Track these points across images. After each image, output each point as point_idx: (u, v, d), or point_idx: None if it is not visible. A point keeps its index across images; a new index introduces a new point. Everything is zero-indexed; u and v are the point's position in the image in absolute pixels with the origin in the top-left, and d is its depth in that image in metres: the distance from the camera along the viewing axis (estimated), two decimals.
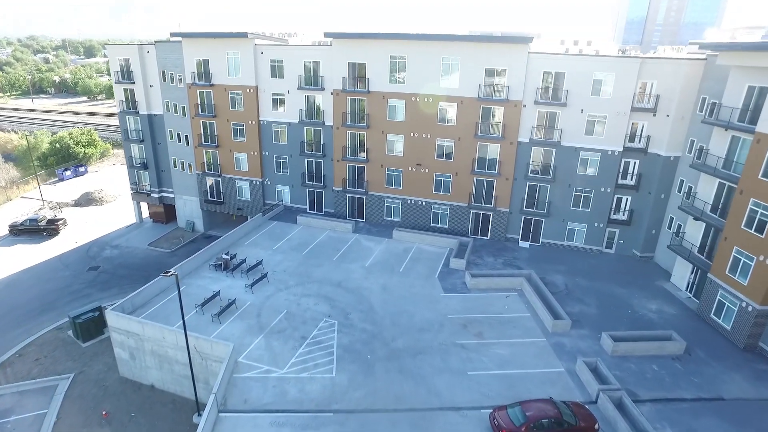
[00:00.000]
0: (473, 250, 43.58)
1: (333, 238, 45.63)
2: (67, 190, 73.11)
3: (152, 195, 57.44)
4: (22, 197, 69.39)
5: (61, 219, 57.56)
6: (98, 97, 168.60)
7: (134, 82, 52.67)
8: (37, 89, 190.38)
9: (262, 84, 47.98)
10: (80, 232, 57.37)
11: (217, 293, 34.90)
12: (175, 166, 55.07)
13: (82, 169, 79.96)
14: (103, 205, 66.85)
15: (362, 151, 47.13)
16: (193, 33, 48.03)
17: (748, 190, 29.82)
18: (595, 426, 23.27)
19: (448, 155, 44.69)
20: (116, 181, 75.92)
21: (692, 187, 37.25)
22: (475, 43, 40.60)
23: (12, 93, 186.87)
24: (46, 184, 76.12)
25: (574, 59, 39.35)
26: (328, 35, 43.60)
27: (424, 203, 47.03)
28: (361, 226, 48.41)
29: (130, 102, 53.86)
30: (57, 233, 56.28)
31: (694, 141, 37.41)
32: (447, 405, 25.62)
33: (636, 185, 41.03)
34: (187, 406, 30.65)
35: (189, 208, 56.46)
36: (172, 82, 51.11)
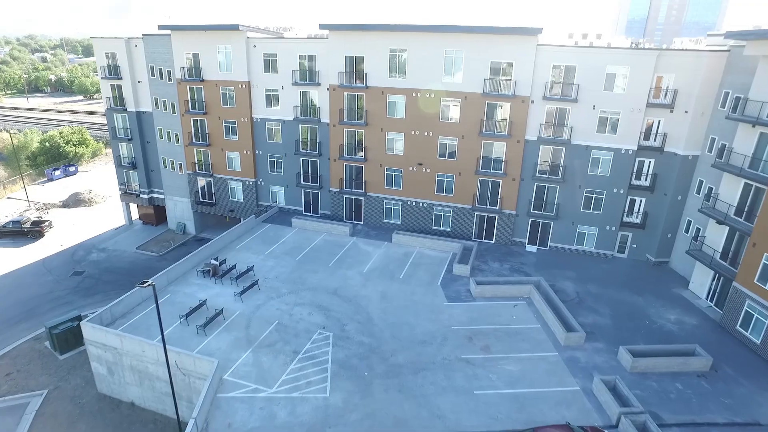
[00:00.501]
0: (478, 255, 41.15)
1: (329, 242, 43.20)
2: (56, 190, 70.68)
3: (141, 196, 55.02)
4: (8, 198, 66.93)
5: (47, 221, 55.13)
6: (94, 96, 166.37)
7: (121, 78, 50.26)
8: (32, 88, 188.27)
9: (255, 79, 45.55)
10: (66, 234, 54.95)
11: (204, 302, 32.49)
12: (165, 166, 52.66)
13: (72, 168, 77.53)
14: (92, 206, 64.42)
15: (360, 150, 44.70)
16: (182, 25, 45.61)
17: None
18: None
19: (451, 154, 42.26)
20: (107, 182, 73.47)
21: (713, 189, 34.83)
22: (480, 34, 38.17)
23: (7, 92, 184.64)
24: (34, 184, 73.73)
25: (586, 52, 36.91)
26: (323, 27, 41.15)
27: (425, 205, 44.59)
28: (359, 228, 45.98)
29: (118, 99, 51.44)
30: (42, 235, 53.86)
31: (716, 139, 34.96)
32: (452, 430, 23.20)
33: (651, 186, 38.60)
34: (170, 426, 28.26)
35: (180, 209, 54.04)
36: (161, 78, 48.69)
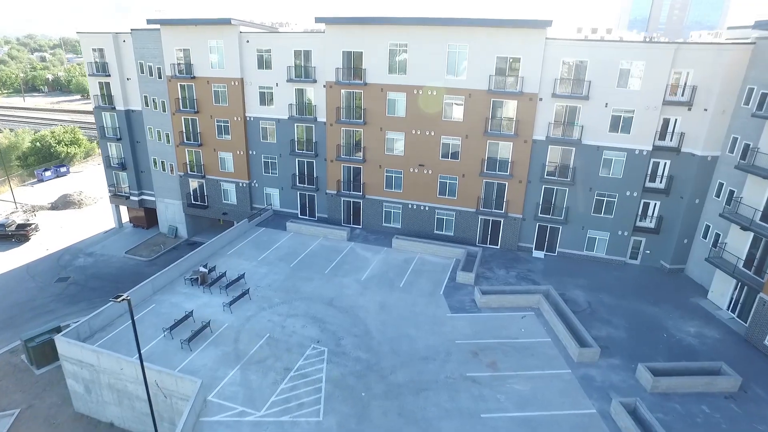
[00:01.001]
0: (482, 262, 38.95)
1: (326, 247, 41.01)
2: (45, 191, 68.56)
3: (131, 198, 52.88)
4: None
5: (33, 224, 52.99)
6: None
7: (110, 75, 48.13)
8: (29, 87, 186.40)
9: (248, 76, 43.37)
10: (53, 237, 52.82)
11: (190, 314, 30.32)
12: (155, 167, 50.51)
13: (63, 169, 75.42)
14: (82, 208, 62.29)
15: (358, 151, 42.52)
16: (172, 20, 43.44)
17: None
18: None
19: (454, 155, 40.06)
20: (99, 183, 71.25)
21: (735, 192, 32.62)
22: (485, 28, 35.98)
23: (3, 91, 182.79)
24: (24, 185, 71.63)
25: (598, 46, 34.70)
26: (319, 20, 38.96)
27: (427, 208, 42.38)
28: (357, 233, 43.78)
29: (106, 96, 49.31)
30: (27, 239, 51.73)
31: (738, 138, 32.74)
32: None
33: (666, 189, 36.39)
34: None
35: (171, 212, 51.88)
36: (151, 75, 46.53)
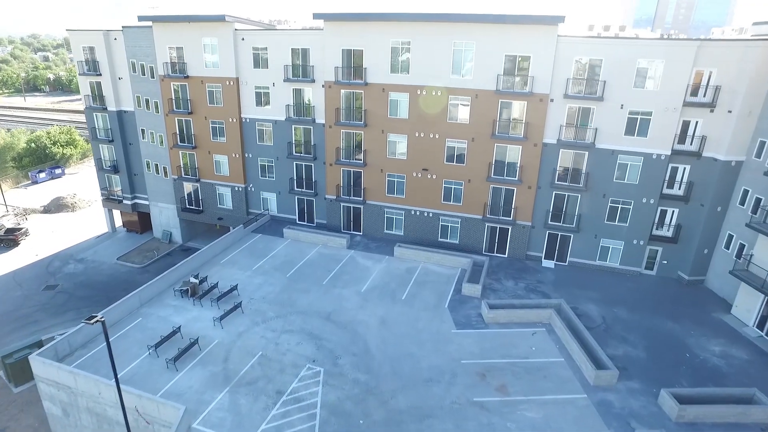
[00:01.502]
0: (489, 272, 36.86)
1: (324, 256, 39.00)
2: (39, 194, 66.88)
3: (124, 202, 51.05)
4: None
5: (23, 228, 51.26)
6: None
7: (101, 74, 46.26)
8: (31, 87, 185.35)
9: (244, 76, 41.42)
10: (44, 242, 51.07)
11: (177, 329, 28.37)
12: (148, 170, 48.63)
13: (58, 170, 73.78)
14: (76, 211, 60.59)
15: (359, 154, 40.50)
16: (164, 16, 41.54)
17: None
18: None
19: (460, 159, 37.99)
20: (95, 185, 69.37)
21: (762, 200, 30.44)
22: (493, 24, 33.89)
23: (4, 90, 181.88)
24: (17, 187, 70.00)
25: (614, 44, 32.54)
26: (317, 16, 36.95)
27: (431, 215, 40.32)
28: (357, 240, 41.76)
29: (97, 97, 47.46)
30: (16, 244, 49.99)
31: (766, 142, 30.53)
32: None
33: (685, 195, 34.22)
34: None
35: (165, 216, 50.02)
36: (143, 74, 44.64)
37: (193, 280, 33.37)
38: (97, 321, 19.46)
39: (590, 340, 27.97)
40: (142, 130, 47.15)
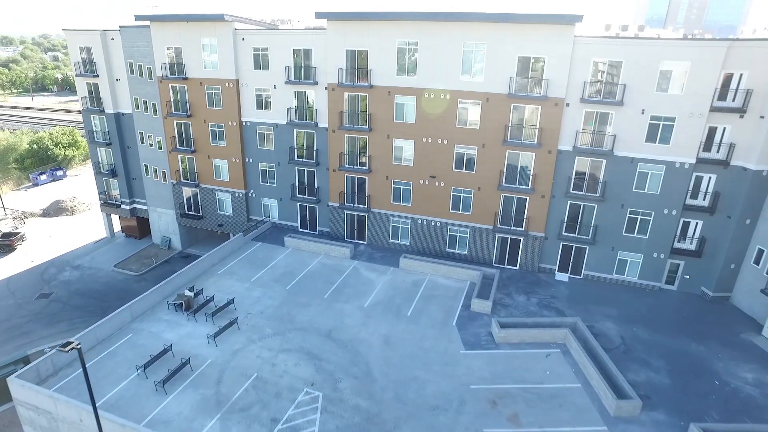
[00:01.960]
0: (500, 285, 34.90)
1: (326, 267, 37.24)
2: (40, 196, 65.75)
3: (123, 207, 49.63)
4: None
5: (19, 233, 50.00)
6: None
7: (98, 75, 44.84)
8: (39, 87, 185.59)
9: (244, 77, 39.78)
10: (40, 248, 49.79)
11: (169, 348, 26.73)
12: (147, 174, 47.16)
13: (60, 172, 72.64)
14: (75, 215, 59.32)
15: (363, 159, 38.70)
16: (162, 15, 39.97)
17: None
18: None
19: (470, 166, 36.06)
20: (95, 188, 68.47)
21: None
22: (506, 24, 31.93)
23: (13, 90, 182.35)
24: (18, 189, 68.97)
25: (636, 44, 30.44)
26: (320, 15, 35.16)
27: (438, 224, 38.42)
28: (361, 250, 39.93)
29: (95, 98, 46.05)
30: (12, 249, 48.75)
31: None
32: None
33: (711, 207, 32.06)
34: None
35: (164, 222, 48.54)
36: (141, 76, 43.14)
37: (187, 293, 31.74)
38: (73, 348, 17.86)
39: (609, 364, 25.97)
40: (141, 133, 45.66)
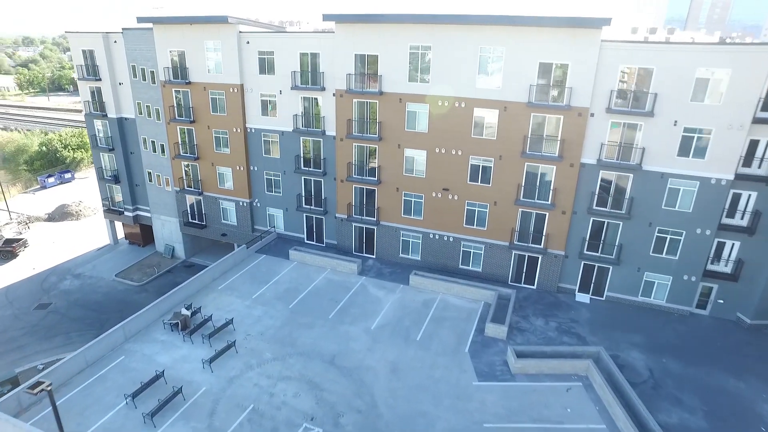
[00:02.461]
0: (516, 307, 32.62)
1: (332, 283, 35.31)
2: (47, 200, 65.00)
3: (126, 213, 48.32)
4: None
5: (22, 239, 48.99)
6: None
7: (100, 79, 43.52)
8: (56, 87, 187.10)
9: (249, 82, 38.04)
10: (43, 254, 48.73)
11: (161, 375, 25.03)
12: (150, 180, 45.75)
13: (68, 175, 71.92)
14: (80, 219, 58.32)
15: (372, 170, 36.70)
16: (164, 17, 38.43)
17: None
18: None
19: (485, 178, 33.83)
20: None
21: None
22: (526, 27, 29.64)
23: (30, 90, 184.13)
24: (26, 192, 68.37)
25: (669, 50, 27.94)
26: (328, 18, 33.22)
27: (451, 239, 36.24)
28: (369, 265, 37.92)
29: (97, 103, 44.76)
30: (14, 256, 47.72)
31: None
32: None
33: (750, 227, 29.41)
34: None
35: (168, 230, 47.10)
36: (144, 80, 41.70)
37: (184, 311, 30.06)
38: (42, 390, 16.15)
39: (637, 403, 23.60)
40: (144, 139, 44.25)
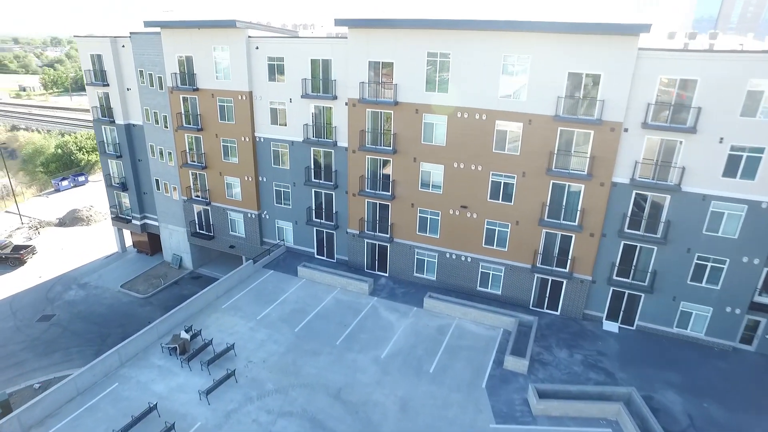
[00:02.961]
0: (538, 335, 30.16)
1: (342, 304, 33.32)
2: (60, 203, 64.51)
3: (133, 222, 47.16)
4: (6, 211, 61.13)
5: (30, 246, 48.22)
6: None
7: (108, 84, 42.32)
8: (79, 86, 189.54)
9: (258, 90, 36.30)
10: (51, 261, 47.88)
11: (154, 407, 23.36)
12: (158, 189, 44.45)
13: (82, 178, 71.48)
14: (90, 225, 57.57)
15: (386, 184, 34.60)
16: (172, 22, 36.91)
17: None
18: None
19: (507, 196, 31.43)
20: None
21: None
22: (554, 34, 27.17)
23: (54, 90, 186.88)
24: (40, 195, 68.12)
25: (717, 59, 25.17)
26: (340, 23, 31.19)
27: (469, 259, 33.92)
28: (382, 284, 35.83)
29: (105, 108, 43.60)
30: (22, 263, 46.95)
31: None
32: None
33: None
34: None
35: (175, 240, 45.75)
36: (152, 85, 40.32)
37: (184, 335, 28.40)
38: None
39: None
40: (151, 146, 42.93)
